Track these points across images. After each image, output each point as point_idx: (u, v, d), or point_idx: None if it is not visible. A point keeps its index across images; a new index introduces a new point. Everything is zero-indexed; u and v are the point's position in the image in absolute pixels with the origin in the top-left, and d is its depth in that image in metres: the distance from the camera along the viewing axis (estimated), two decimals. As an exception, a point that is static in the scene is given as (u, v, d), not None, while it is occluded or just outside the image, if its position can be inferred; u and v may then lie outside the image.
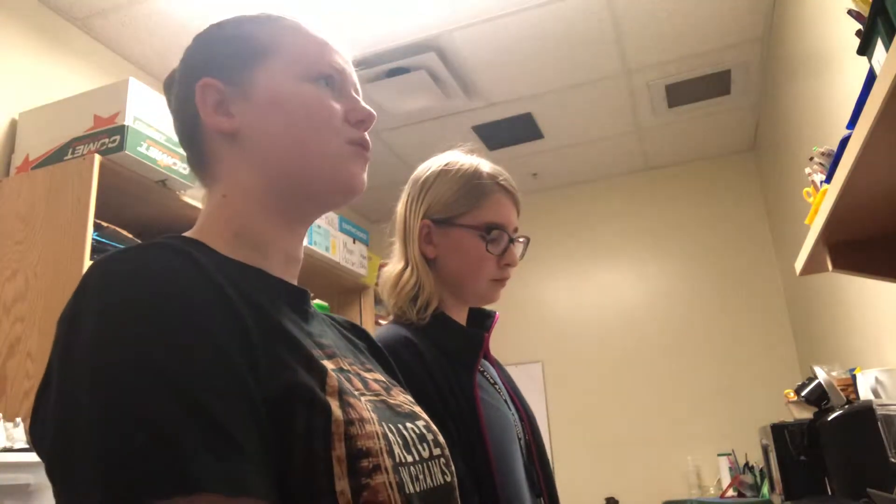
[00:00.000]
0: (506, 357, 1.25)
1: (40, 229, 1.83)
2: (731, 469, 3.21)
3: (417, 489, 0.57)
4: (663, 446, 3.56)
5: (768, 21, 2.71)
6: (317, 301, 2.76)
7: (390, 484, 0.53)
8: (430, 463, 0.62)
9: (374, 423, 0.55)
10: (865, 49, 0.85)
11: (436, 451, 0.64)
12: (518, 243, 1.10)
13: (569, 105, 3.28)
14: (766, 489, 2.81)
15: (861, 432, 1.33)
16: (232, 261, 0.61)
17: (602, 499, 3.50)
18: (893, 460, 1.12)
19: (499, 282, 1.08)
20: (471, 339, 1.04)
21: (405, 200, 1.09)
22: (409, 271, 1.04)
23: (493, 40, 2.73)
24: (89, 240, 1.77)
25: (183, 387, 0.45)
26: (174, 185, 2.03)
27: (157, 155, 1.96)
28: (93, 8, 2.37)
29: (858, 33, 0.86)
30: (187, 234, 0.64)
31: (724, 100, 3.31)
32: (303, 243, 0.70)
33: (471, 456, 0.90)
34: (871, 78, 0.86)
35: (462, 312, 1.10)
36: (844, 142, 0.97)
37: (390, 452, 0.55)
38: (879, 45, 0.80)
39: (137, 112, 1.94)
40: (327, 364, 0.58)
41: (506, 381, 1.13)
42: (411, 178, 1.11)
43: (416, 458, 0.59)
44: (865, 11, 0.84)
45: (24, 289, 1.79)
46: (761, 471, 2.96)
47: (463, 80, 2.99)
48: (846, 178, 0.93)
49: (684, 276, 3.81)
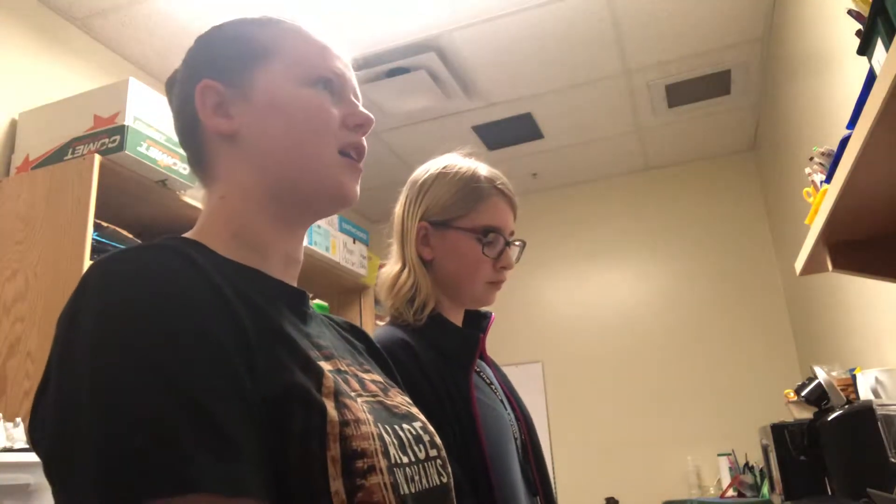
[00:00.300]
0: (506, 357, 1.25)
1: (40, 229, 1.83)
2: (731, 469, 3.21)
3: (412, 490, 0.57)
4: (663, 446, 3.56)
5: (768, 21, 2.71)
6: (317, 301, 2.76)
7: (385, 485, 0.53)
8: (426, 464, 0.62)
9: (370, 425, 0.55)
10: (865, 49, 0.85)
11: (432, 453, 0.64)
12: (514, 247, 1.11)
13: (569, 105, 3.28)
14: (766, 489, 2.81)
15: (861, 432, 1.33)
16: (230, 262, 0.61)
17: (602, 499, 3.50)
18: (893, 460, 1.12)
19: (494, 284, 1.09)
20: (467, 340, 1.05)
21: (403, 202, 1.10)
22: (407, 273, 1.05)
23: (493, 40, 2.73)
24: (89, 240, 1.76)
25: (182, 387, 0.46)
26: (174, 185, 2.03)
27: (157, 155, 1.96)
28: (93, 8, 2.37)
29: (858, 33, 0.86)
30: (187, 234, 0.64)
31: (724, 100, 3.31)
32: (302, 244, 0.71)
33: (467, 456, 0.90)
34: (871, 78, 0.86)
35: (458, 314, 1.11)
36: (844, 142, 0.97)
37: (385, 453, 0.55)
38: (879, 45, 0.80)
39: (137, 112, 1.94)
40: (324, 365, 0.58)
41: (502, 382, 1.13)
42: (409, 181, 1.12)
43: (412, 459, 0.60)
44: (865, 11, 0.84)
45: (24, 289, 1.79)
46: (761, 471, 2.96)
47: (463, 80, 2.99)
48: (846, 178, 0.93)
49: (684, 276, 3.81)
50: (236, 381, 0.49)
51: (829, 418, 1.51)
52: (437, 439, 0.67)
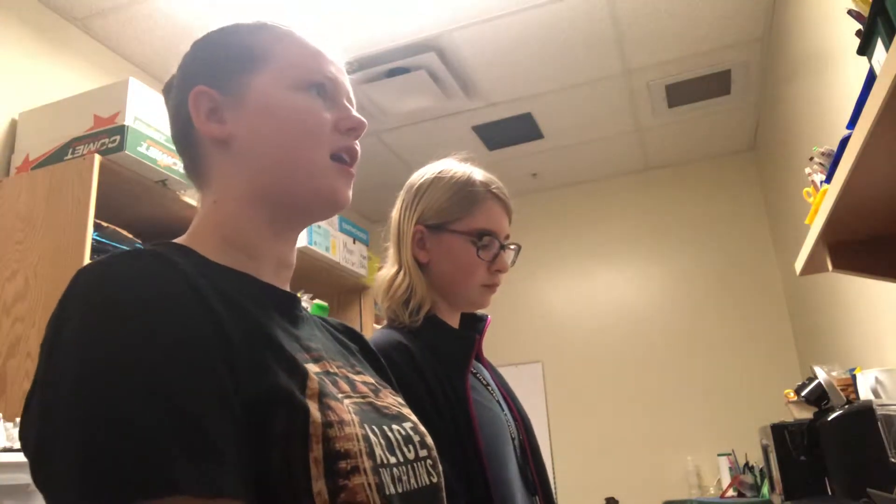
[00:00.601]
0: (506, 357, 1.26)
1: (40, 229, 1.83)
2: (731, 469, 3.21)
3: (399, 490, 0.58)
4: (663, 446, 3.56)
5: (768, 21, 2.71)
6: (317, 301, 2.76)
7: (369, 485, 0.54)
8: (415, 464, 0.62)
9: (355, 426, 0.56)
10: (865, 49, 0.85)
11: (422, 453, 0.65)
12: (509, 250, 1.12)
13: (569, 105, 3.28)
14: (766, 489, 2.81)
15: (861, 432, 1.33)
16: (219, 266, 0.62)
17: (602, 499, 3.50)
18: (893, 460, 1.12)
19: (489, 287, 1.10)
20: (463, 341, 1.05)
21: (399, 206, 1.12)
22: (402, 275, 1.07)
23: (493, 40, 2.73)
24: (89, 240, 1.76)
25: (161, 390, 0.46)
26: (174, 185, 2.03)
27: (157, 155, 1.96)
28: (93, 8, 2.37)
29: (858, 33, 0.86)
30: (178, 239, 0.65)
31: (724, 100, 3.31)
32: (294, 249, 0.71)
33: (463, 457, 0.91)
34: (871, 78, 0.87)
35: (454, 317, 1.12)
36: (844, 142, 0.97)
37: (370, 454, 0.56)
38: (879, 45, 0.80)
39: (137, 112, 1.94)
40: (312, 367, 0.59)
41: (499, 383, 1.14)
42: (406, 185, 1.14)
43: (400, 459, 0.60)
44: (865, 11, 0.84)
45: (24, 289, 1.79)
46: (761, 471, 2.96)
47: (463, 80, 2.99)
48: (846, 178, 0.93)
49: (684, 276, 3.81)
50: (217, 383, 0.49)
51: (829, 418, 1.51)
52: (429, 440, 0.67)
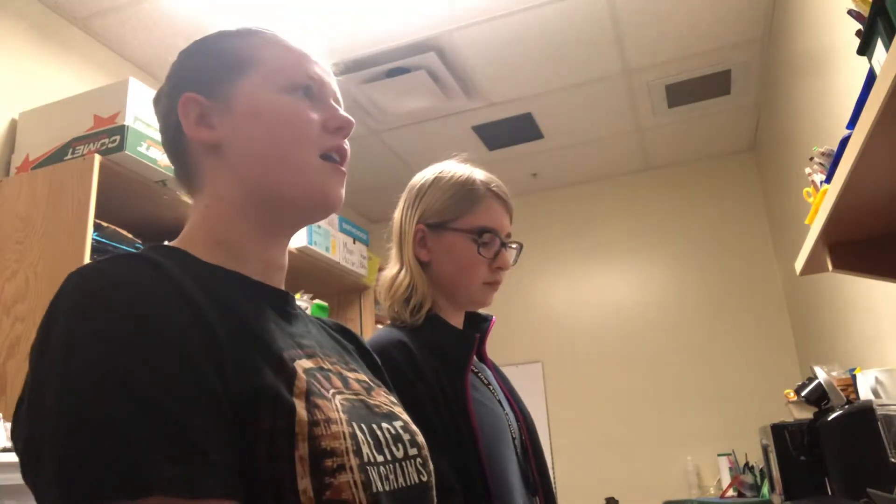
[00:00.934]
0: (506, 357, 1.26)
1: (40, 229, 1.83)
2: (731, 469, 3.21)
3: (386, 488, 0.58)
4: (663, 446, 3.56)
5: (768, 21, 2.71)
6: (317, 301, 2.76)
7: (355, 483, 0.54)
8: (404, 463, 0.63)
9: (342, 424, 0.56)
10: (865, 49, 0.85)
11: (412, 451, 0.65)
12: (511, 249, 1.12)
13: (569, 105, 3.28)
14: (766, 489, 2.81)
15: (861, 432, 1.33)
16: (210, 265, 0.63)
17: (602, 499, 3.50)
18: (893, 460, 1.12)
19: (491, 285, 1.10)
20: (463, 340, 1.06)
21: (401, 207, 1.13)
22: (404, 273, 1.07)
23: (493, 40, 2.73)
24: (89, 240, 1.76)
25: (144, 392, 0.47)
26: (174, 185, 2.03)
27: (157, 155, 1.96)
28: (93, 8, 2.37)
29: (858, 33, 0.86)
30: (172, 242, 0.66)
31: (724, 100, 3.31)
32: (286, 252, 0.72)
33: (462, 455, 0.91)
34: (871, 78, 0.87)
35: (457, 316, 1.12)
36: (844, 142, 0.97)
37: (357, 452, 0.56)
38: (879, 45, 0.80)
39: (137, 112, 1.94)
40: (305, 363, 0.60)
41: (502, 383, 1.14)
42: (408, 186, 1.15)
43: (388, 457, 0.61)
44: (865, 11, 0.84)
45: (24, 289, 1.79)
46: (761, 471, 2.96)
47: (463, 80, 2.99)
48: (846, 178, 0.93)
49: (684, 276, 3.81)
50: (202, 383, 0.50)
51: (829, 418, 1.51)
52: (419, 439, 0.68)
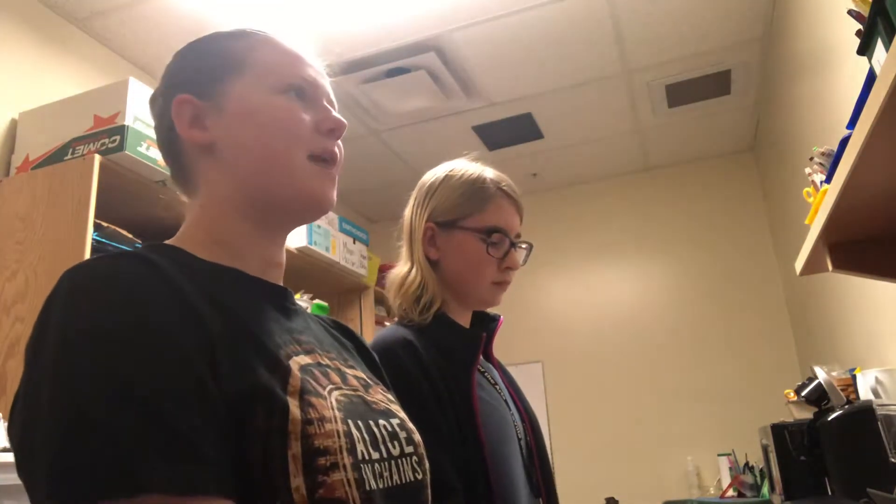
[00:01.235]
0: (506, 357, 1.26)
1: (40, 229, 1.83)
2: (731, 469, 3.21)
3: (380, 486, 0.58)
4: (663, 446, 3.56)
5: (768, 21, 2.71)
6: (317, 301, 2.76)
7: (348, 481, 0.54)
8: (399, 460, 0.63)
9: (336, 422, 0.56)
10: (865, 49, 0.85)
11: (408, 449, 0.65)
12: (520, 249, 1.12)
13: (569, 105, 3.28)
14: (766, 489, 2.81)
15: (861, 432, 1.33)
16: (207, 263, 0.63)
17: (602, 499, 3.50)
18: (893, 460, 1.12)
19: (500, 285, 1.10)
20: (469, 339, 1.05)
21: (411, 205, 1.13)
22: (414, 272, 1.07)
23: (493, 40, 2.73)
24: (89, 240, 1.76)
25: (138, 391, 0.47)
26: (173, 185, 2.03)
27: (156, 155, 1.96)
28: (93, 8, 2.37)
29: (858, 33, 0.86)
30: (168, 241, 0.67)
31: (724, 100, 3.31)
32: (283, 250, 0.72)
33: (465, 454, 0.90)
34: (871, 78, 0.86)
35: (465, 315, 1.12)
36: (844, 142, 0.97)
37: (351, 450, 0.56)
38: (879, 45, 0.80)
39: (137, 112, 1.94)
40: (303, 359, 0.60)
41: (508, 384, 1.13)
42: (418, 184, 1.14)
43: (384, 455, 0.61)
44: (865, 11, 0.84)
45: (24, 289, 1.79)
46: (761, 471, 2.96)
47: (463, 80, 2.99)
48: (846, 178, 0.93)
49: (684, 276, 3.81)
50: (195, 382, 0.50)
51: (829, 418, 1.51)
52: (416, 437, 0.68)
